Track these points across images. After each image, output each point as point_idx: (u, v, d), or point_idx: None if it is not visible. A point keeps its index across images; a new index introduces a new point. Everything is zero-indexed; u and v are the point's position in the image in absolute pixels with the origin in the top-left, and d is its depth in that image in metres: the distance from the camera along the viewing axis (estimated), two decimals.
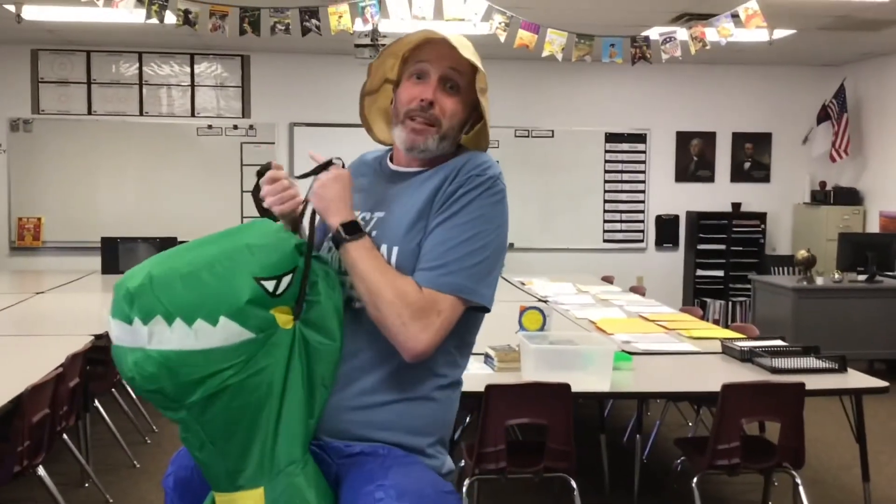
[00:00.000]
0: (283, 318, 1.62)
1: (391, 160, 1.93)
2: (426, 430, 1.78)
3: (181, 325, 1.48)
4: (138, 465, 4.57)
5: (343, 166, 1.82)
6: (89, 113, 8.30)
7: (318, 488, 1.66)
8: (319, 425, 1.72)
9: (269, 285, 1.57)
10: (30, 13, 6.44)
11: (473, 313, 1.79)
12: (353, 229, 1.70)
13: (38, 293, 5.72)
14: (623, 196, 9.00)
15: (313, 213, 1.76)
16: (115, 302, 1.53)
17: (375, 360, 1.74)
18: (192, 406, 1.55)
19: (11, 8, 6.23)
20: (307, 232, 1.76)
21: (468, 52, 1.79)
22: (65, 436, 3.79)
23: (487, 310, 1.78)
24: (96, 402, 4.53)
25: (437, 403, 1.80)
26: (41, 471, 3.41)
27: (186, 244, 1.63)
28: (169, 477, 1.86)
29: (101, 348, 4.34)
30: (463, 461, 3.34)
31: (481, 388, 3.17)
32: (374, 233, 1.78)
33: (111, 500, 4.09)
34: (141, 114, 8.36)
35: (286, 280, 1.60)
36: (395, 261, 1.73)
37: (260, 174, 1.80)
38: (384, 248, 1.75)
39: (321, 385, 1.70)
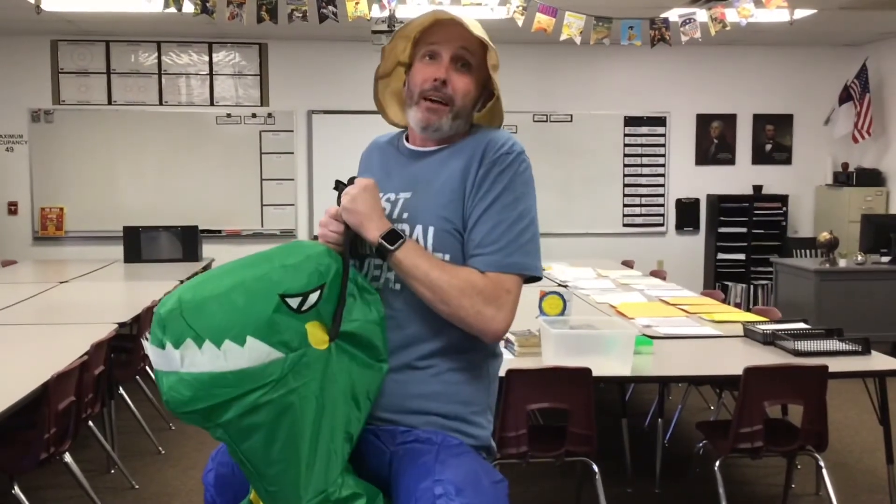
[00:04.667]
0: (318, 338, 1.62)
1: (406, 140, 1.96)
2: (476, 399, 1.82)
3: (211, 347, 1.49)
4: (163, 452, 4.62)
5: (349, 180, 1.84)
6: (109, 103, 8.35)
7: None
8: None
9: (294, 302, 1.57)
10: (49, 4, 6.46)
11: None
12: (394, 238, 1.71)
13: (61, 282, 5.78)
14: (643, 180, 8.95)
15: (347, 230, 1.76)
16: (151, 328, 1.55)
17: (421, 335, 1.77)
18: (227, 425, 1.55)
19: None
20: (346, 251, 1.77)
21: (478, 30, 1.81)
22: (90, 423, 3.83)
23: (539, 279, 1.85)
24: (121, 390, 4.58)
25: (485, 372, 1.86)
26: (67, 457, 3.45)
27: (224, 266, 1.63)
28: (210, 473, 1.87)
29: (125, 336, 4.39)
30: None
31: (502, 374, 3.17)
32: (404, 214, 1.81)
33: (136, 486, 4.14)
34: (160, 103, 8.40)
35: (313, 297, 1.61)
36: (432, 241, 1.76)
37: (337, 187, 1.82)
38: (418, 228, 1.78)
39: (366, 399, 1.71)
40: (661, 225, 9.01)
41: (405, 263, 1.70)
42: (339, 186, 1.80)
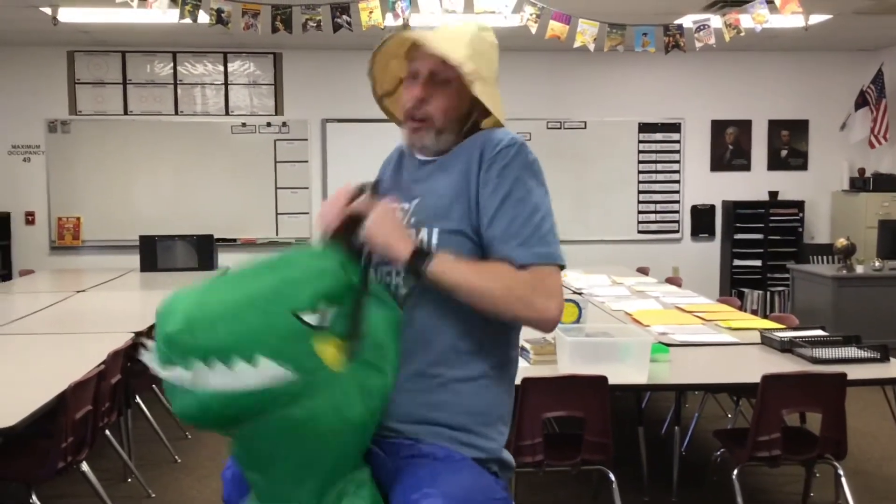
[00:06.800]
0: (331, 354, 1.57)
1: None
2: (487, 409, 1.79)
3: (221, 367, 1.46)
4: (179, 461, 4.63)
5: (372, 186, 1.87)
6: (125, 113, 8.40)
7: None
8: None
9: (312, 319, 1.54)
10: (65, 15, 6.53)
11: None
12: (423, 255, 1.70)
13: (78, 291, 5.81)
14: (657, 186, 8.93)
15: (368, 255, 1.74)
16: (155, 342, 1.52)
17: (430, 342, 1.75)
18: (237, 437, 1.58)
19: (48, 10, 6.32)
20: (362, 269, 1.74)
21: (442, 45, 1.77)
22: (107, 432, 3.84)
23: (564, 267, 1.80)
24: (138, 399, 4.60)
25: (498, 381, 1.81)
26: (84, 466, 3.46)
27: (227, 276, 1.60)
28: (228, 469, 1.89)
29: (141, 345, 4.40)
30: None
31: (518, 382, 3.16)
32: (412, 219, 1.81)
33: (153, 495, 4.15)
34: (176, 113, 8.45)
35: (327, 313, 1.57)
36: (436, 240, 1.76)
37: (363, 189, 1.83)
38: (424, 230, 1.78)
39: (379, 414, 1.69)
40: (677, 231, 8.98)
41: (442, 278, 1.69)
42: (364, 190, 1.82)
